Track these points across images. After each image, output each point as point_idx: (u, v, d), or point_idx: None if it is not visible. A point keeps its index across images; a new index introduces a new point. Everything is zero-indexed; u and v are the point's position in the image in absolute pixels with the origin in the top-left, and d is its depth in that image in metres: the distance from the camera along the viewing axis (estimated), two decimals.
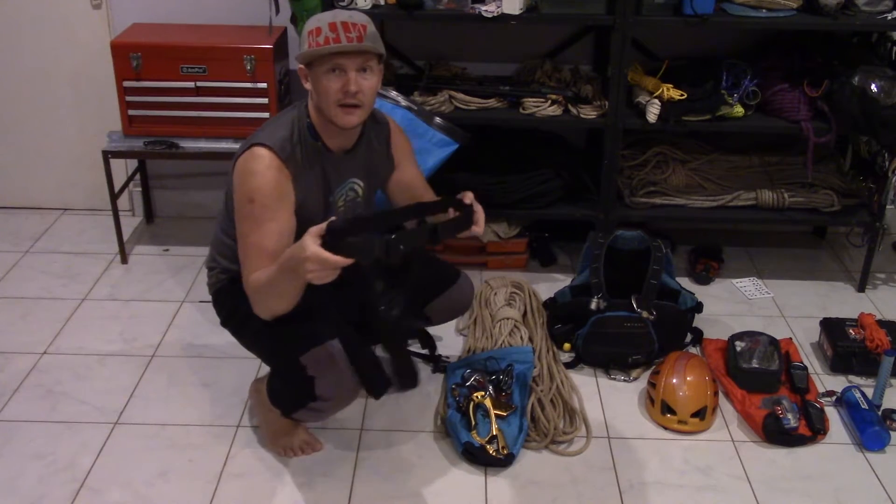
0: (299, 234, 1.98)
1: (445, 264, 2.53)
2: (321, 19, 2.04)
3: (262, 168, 2.05)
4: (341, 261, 1.84)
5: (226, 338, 2.78)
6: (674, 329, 2.78)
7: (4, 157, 3.63)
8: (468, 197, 2.18)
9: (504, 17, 2.85)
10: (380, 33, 3.29)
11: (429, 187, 2.46)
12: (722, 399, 2.59)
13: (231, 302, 2.30)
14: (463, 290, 2.49)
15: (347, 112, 2.08)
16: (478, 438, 2.33)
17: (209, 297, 2.31)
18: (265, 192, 2.05)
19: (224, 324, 2.37)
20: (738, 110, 2.98)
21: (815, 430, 2.44)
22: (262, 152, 2.07)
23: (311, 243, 1.85)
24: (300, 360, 2.10)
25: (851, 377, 2.72)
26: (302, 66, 2.10)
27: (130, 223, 3.62)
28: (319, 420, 2.33)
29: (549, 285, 3.14)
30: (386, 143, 2.34)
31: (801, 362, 2.68)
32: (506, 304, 2.93)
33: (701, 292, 3.06)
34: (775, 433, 2.43)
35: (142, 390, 2.64)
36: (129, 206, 3.69)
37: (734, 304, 3.12)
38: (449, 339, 2.85)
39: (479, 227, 2.14)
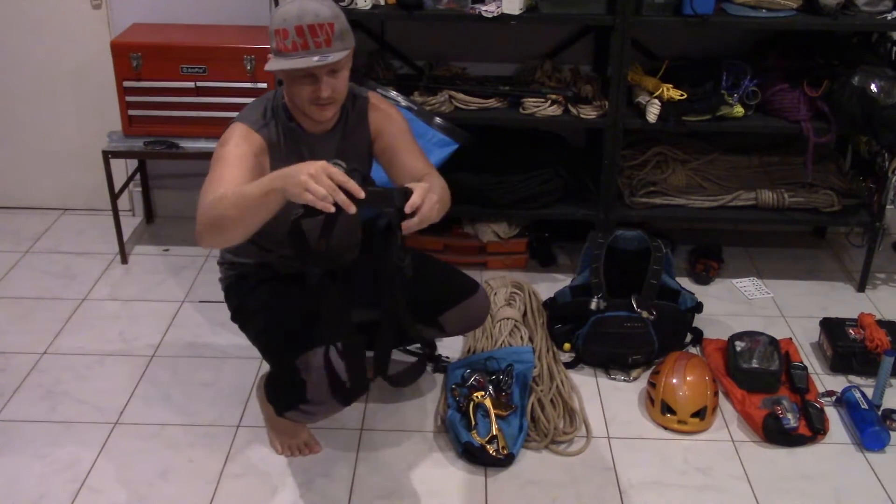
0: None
1: (464, 276, 2.46)
2: (287, 19, 1.99)
3: (234, 135, 2.09)
4: (349, 182, 1.75)
5: (226, 338, 2.80)
6: (674, 329, 2.78)
7: (4, 157, 3.63)
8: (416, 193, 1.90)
9: (504, 17, 2.85)
10: (380, 33, 3.34)
11: (422, 156, 2.29)
12: (722, 399, 2.59)
13: (238, 298, 2.33)
14: (479, 304, 2.43)
15: (321, 108, 2.10)
16: (478, 438, 2.34)
17: (209, 297, 2.31)
18: (233, 146, 2.07)
19: (232, 318, 2.39)
20: (738, 110, 2.98)
21: (815, 430, 2.44)
22: (235, 126, 2.12)
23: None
24: (294, 362, 2.10)
25: (851, 377, 2.72)
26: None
27: (130, 223, 3.62)
28: (311, 421, 2.31)
29: (549, 285, 3.14)
30: (364, 117, 2.28)
31: (801, 362, 2.67)
32: (506, 304, 2.93)
33: (701, 292, 3.06)
34: (775, 433, 2.43)
35: (142, 390, 2.64)
36: (129, 206, 3.69)
37: (734, 304, 3.12)
38: (449, 338, 2.85)
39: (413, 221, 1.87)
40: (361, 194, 1.78)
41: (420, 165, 2.25)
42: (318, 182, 1.74)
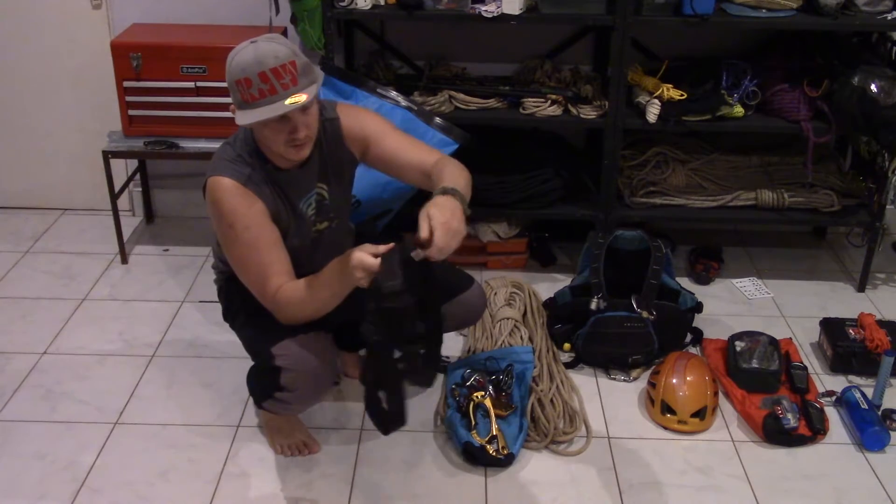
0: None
1: (459, 272, 2.47)
2: (246, 68, 1.93)
3: (226, 194, 2.05)
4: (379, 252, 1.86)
5: (226, 337, 2.79)
6: (674, 329, 2.78)
7: (4, 157, 3.63)
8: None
9: (504, 17, 2.85)
10: (380, 33, 3.34)
11: (418, 145, 2.28)
12: (722, 399, 2.59)
13: (227, 298, 2.37)
14: (474, 298, 2.43)
15: (298, 149, 2.05)
16: (478, 438, 2.33)
17: (209, 298, 2.33)
18: (240, 214, 2.05)
19: (223, 317, 2.42)
20: (738, 110, 2.98)
21: (815, 430, 2.44)
22: (220, 180, 2.06)
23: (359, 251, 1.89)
24: (270, 350, 2.13)
25: (851, 377, 2.72)
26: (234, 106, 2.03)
27: (130, 223, 3.62)
28: (288, 412, 2.33)
29: (549, 285, 3.14)
30: (338, 139, 2.23)
31: (801, 362, 2.68)
32: (506, 304, 2.93)
33: (701, 292, 3.06)
34: (775, 433, 2.43)
35: (142, 390, 2.64)
36: (129, 206, 3.69)
37: (734, 304, 3.12)
38: (449, 339, 2.84)
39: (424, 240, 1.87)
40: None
41: (422, 156, 2.21)
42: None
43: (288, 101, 1.94)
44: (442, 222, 1.85)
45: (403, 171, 2.24)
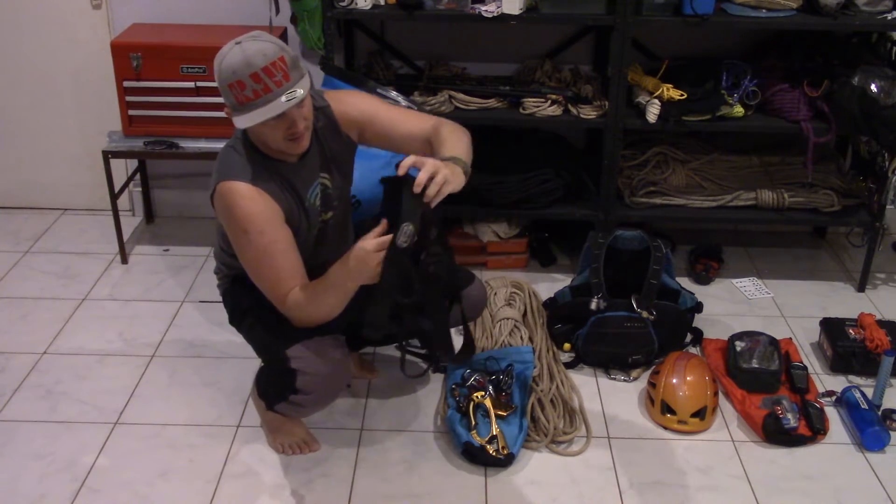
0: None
1: (460, 268, 2.47)
2: (237, 70, 1.92)
3: (240, 199, 2.03)
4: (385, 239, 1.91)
5: (226, 337, 2.80)
6: (674, 329, 2.78)
7: (4, 157, 3.63)
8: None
9: (504, 17, 2.85)
10: (380, 33, 3.34)
11: (412, 115, 2.32)
12: (722, 399, 2.59)
13: (233, 301, 2.35)
14: (476, 294, 2.44)
15: (298, 141, 2.05)
16: (478, 438, 2.34)
17: (209, 297, 2.33)
18: (254, 219, 2.03)
19: (230, 321, 2.40)
20: (738, 110, 2.98)
21: (815, 430, 2.44)
22: (232, 185, 2.05)
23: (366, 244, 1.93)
24: (286, 352, 2.13)
25: (851, 377, 2.72)
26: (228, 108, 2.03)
27: (130, 223, 3.62)
28: (301, 415, 2.34)
29: (549, 285, 3.14)
30: (334, 127, 2.23)
31: (801, 362, 2.68)
32: (506, 304, 2.93)
33: (701, 292, 3.06)
34: (775, 433, 2.43)
35: (142, 390, 2.64)
36: (129, 206, 3.69)
37: (734, 304, 3.12)
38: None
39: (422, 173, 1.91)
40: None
41: (419, 124, 2.22)
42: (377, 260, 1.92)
43: (284, 98, 1.94)
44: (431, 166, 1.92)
45: (404, 142, 2.23)
